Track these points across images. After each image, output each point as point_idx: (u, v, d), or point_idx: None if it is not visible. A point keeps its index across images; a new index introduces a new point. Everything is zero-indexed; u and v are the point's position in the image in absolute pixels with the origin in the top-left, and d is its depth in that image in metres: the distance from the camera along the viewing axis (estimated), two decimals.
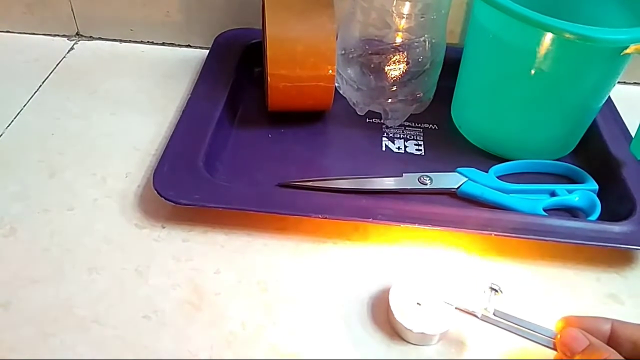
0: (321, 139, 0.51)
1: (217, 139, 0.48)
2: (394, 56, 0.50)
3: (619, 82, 0.46)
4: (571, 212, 0.46)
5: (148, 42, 0.63)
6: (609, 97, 0.52)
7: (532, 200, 0.45)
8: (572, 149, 0.51)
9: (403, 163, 0.49)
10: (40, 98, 0.55)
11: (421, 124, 0.53)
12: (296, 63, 0.46)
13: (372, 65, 0.51)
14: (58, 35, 0.63)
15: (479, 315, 0.35)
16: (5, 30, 0.63)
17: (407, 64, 0.50)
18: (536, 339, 0.33)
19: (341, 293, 0.39)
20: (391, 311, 0.36)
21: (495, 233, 0.40)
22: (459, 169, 0.47)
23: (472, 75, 0.50)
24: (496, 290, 0.35)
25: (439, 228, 0.41)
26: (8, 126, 0.51)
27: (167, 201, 0.41)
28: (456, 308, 0.35)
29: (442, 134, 0.52)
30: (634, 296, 0.40)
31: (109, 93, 0.56)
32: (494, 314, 0.34)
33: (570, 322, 0.33)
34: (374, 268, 0.41)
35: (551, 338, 0.33)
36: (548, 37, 0.41)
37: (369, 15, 0.50)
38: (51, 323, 0.36)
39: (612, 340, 0.32)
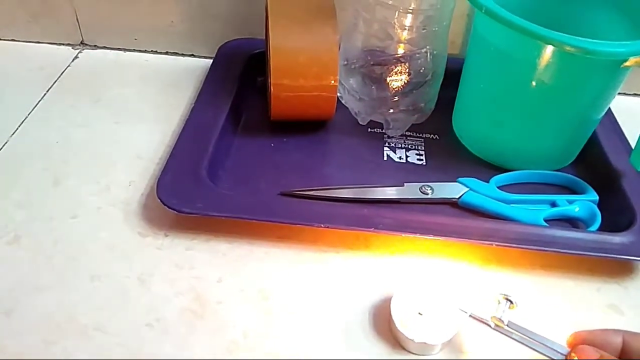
0: (323, 148, 0.52)
1: (220, 147, 0.48)
2: (395, 67, 0.51)
3: (619, 94, 0.47)
4: (572, 222, 0.46)
5: (152, 51, 0.64)
6: (609, 108, 0.52)
7: (533, 210, 0.45)
8: (572, 160, 0.51)
9: (404, 173, 0.49)
10: (45, 106, 0.55)
11: (422, 134, 0.53)
12: (299, 73, 0.47)
13: (374, 76, 0.52)
14: (62, 44, 0.64)
15: (492, 325, 0.35)
16: (10, 38, 0.64)
17: (408, 75, 0.51)
18: (548, 353, 0.33)
19: (343, 302, 0.39)
20: (392, 321, 0.36)
21: (496, 243, 0.41)
22: (460, 179, 0.47)
23: (473, 86, 0.50)
24: (511, 302, 0.35)
25: (440, 238, 0.41)
26: (12, 134, 0.51)
27: (170, 210, 0.41)
28: (470, 316, 0.35)
29: (443, 144, 0.53)
30: (634, 307, 0.40)
31: (113, 102, 0.56)
32: (507, 325, 0.34)
33: (581, 336, 0.33)
34: (375, 277, 0.41)
35: (563, 355, 0.33)
36: (549, 50, 0.42)
37: (371, 27, 0.50)
38: (54, 330, 0.36)
39: (624, 353, 0.32)
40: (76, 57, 0.62)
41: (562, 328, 0.34)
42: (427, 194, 0.46)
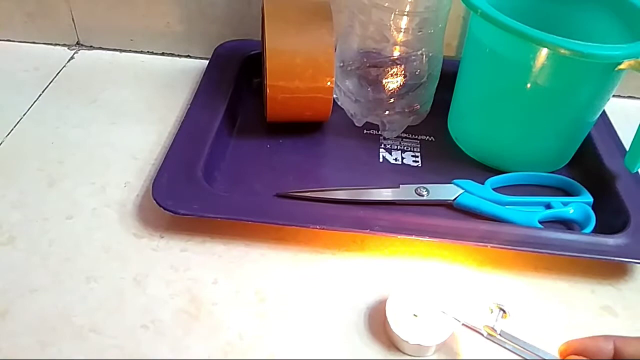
0: (319, 149, 0.52)
1: (216, 149, 0.48)
2: (391, 69, 0.51)
3: (613, 96, 0.47)
4: (566, 224, 0.46)
5: (148, 52, 0.64)
6: (604, 110, 0.52)
7: (528, 212, 0.45)
8: (567, 162, 0.52)
9: (400, 174, 0.49)
10: (40, 107, 0.55)
11: (418, 136, 0.54)
12: (295, 75, 0.47)
13: (370, 78, 0.52)
14: (58, 45, 0.64)
15: (485, 334, 0.35)
16: (5, 39, 0.64)
17: (404, 77, 0.51)
18: None
19: (338, 303, 0.39)
20: (387, 322, 0.36)
21: (491, 245, 0.41)
22: (455, 180, 0.47)
23: (469, 88, 0.51)
24: (504, 311, 0.35)
25: (435, 240, 0.41)
26: (8, 135, 0.51)
27: (165, 211, 0.41)
28: (463, 324, 0.35)
29: (438, 145, 0.53)
30: (628, 308, 0.41)
31: (109, 102, 0.56)
32: (499, 334, 0.34)
33: (572, 346, 0.32)
34: (370, 279, 0.41)
35: None
36: (543, 52, 0.42)
37: (367, 29, 0.50)
38: (49, 332, 0.36)
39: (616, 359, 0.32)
40: (72, 57, 0.62)
41: (556, 330, 0.34)
42: (423, 195, 0.46)
